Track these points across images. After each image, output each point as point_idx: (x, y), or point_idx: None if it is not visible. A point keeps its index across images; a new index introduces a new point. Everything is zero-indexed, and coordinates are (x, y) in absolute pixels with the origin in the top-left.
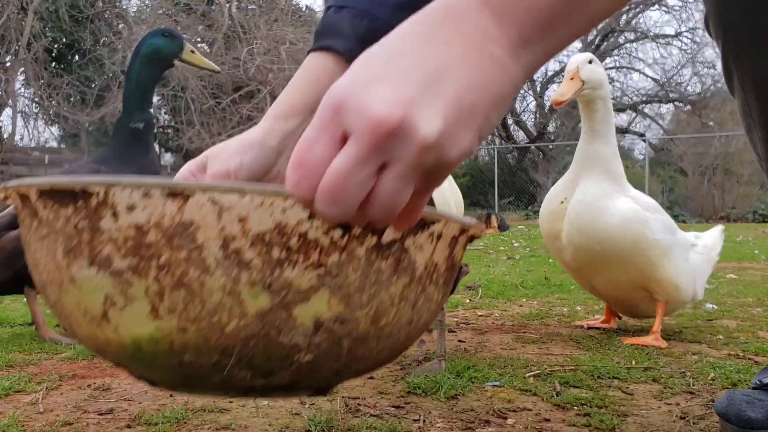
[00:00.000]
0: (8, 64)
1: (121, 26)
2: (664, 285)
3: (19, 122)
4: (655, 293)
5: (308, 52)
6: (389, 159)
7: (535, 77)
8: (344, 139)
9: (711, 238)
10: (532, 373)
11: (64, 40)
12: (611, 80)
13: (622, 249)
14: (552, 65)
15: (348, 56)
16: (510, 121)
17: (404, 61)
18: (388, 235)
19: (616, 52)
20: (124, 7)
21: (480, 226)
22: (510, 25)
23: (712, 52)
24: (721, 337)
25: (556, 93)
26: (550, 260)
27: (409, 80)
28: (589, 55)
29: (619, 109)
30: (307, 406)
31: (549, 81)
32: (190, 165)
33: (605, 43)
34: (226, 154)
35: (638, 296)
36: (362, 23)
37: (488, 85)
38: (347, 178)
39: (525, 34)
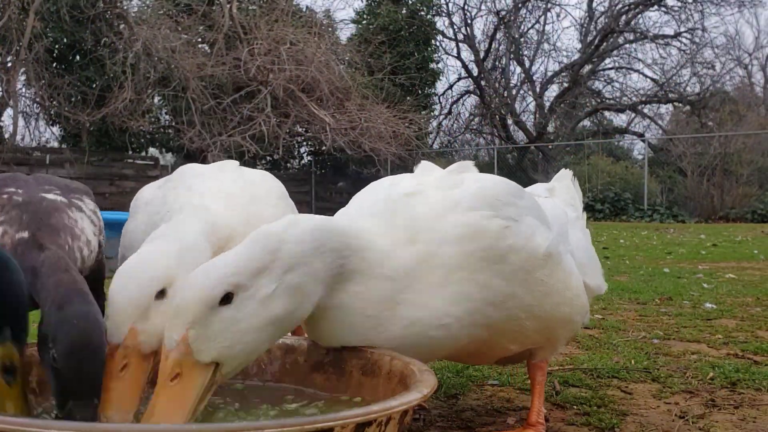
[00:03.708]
0: (9, 65)
1: (122, 27)
2: (569, 316)
3: (21, 122)
4: (541, 346)
5: None
6: None
7: (535, 77)
8: None
9: (567, 190)
10: None
11: (65, 40)
12: (611, 81)
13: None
14: (551, 65)
15: None
16: (510, 122)
17: None
18: None
19: (615, 52)
20: (125, 7)
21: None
22: None
23: (711, 53)
24: (720, 336)
25: None
26: None
27: None
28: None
29: (619, 109)
30: None
31: (549, 81)
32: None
33: (605, 44)
34: None
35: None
36: None
37: None
38: None
39: None
